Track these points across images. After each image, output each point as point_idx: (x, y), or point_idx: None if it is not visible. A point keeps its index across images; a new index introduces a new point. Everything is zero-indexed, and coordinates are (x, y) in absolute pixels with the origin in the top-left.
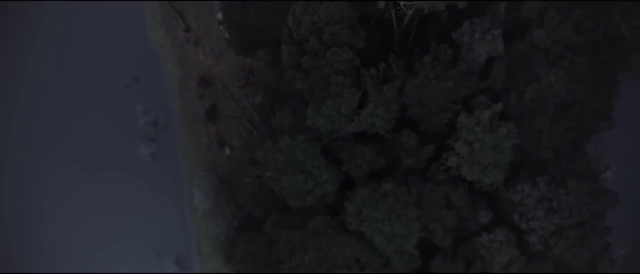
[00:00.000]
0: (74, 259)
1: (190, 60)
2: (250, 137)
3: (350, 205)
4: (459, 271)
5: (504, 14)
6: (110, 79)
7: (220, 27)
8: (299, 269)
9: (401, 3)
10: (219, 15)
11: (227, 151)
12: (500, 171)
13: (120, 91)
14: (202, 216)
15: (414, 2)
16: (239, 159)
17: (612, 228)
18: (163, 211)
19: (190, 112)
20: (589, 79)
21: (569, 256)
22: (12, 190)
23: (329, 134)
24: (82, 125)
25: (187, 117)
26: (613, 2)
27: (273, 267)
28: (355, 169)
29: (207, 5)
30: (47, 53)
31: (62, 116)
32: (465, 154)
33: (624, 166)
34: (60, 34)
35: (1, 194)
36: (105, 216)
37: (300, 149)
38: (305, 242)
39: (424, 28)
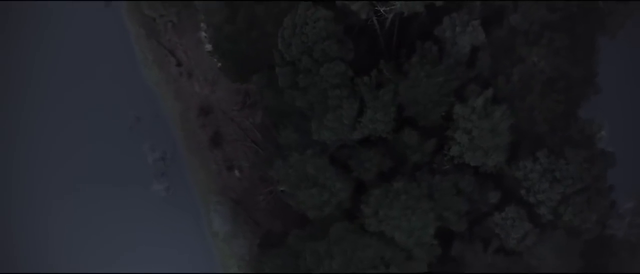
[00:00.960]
0: None
1: (187, 92)
2: (257, 157)
3: (367, 208)
4: (478, 252)
5: (479, 5)
6: (113, 123)
7: (213, 58)
8: None
9: (381, 9)
10: (208, 47)
11: (236, 173)
12: (501, 152)
13: (125, 132)
14: (223, 239)
15: (393, 7)
16: (250, 179)
17: (615, 186)
18: (185, 241)
19: (195, 142)
20: (569, 51)
21: (579, 221)
22: (31, 237)
23: (335, 144)
24: (93, 171)
25: (193, 147)
26: None
27: None
28: (364, 173)
29: (194, 38)
30: (47, 106)
31: (73, 164)
32: (466, 142)
33: (616, 123)
34: (53, 84)
35: (20, 235)
36: (129, 255)
37: (310, 163)
38: (330, 250)
39: (406, 29)
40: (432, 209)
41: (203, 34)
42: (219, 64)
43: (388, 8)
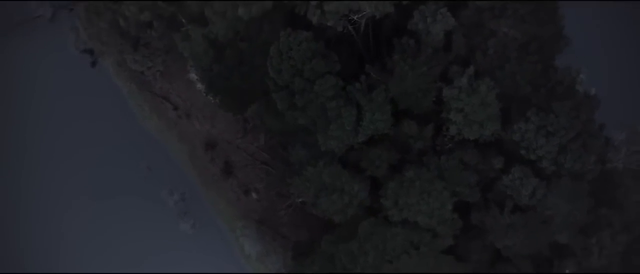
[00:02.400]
0: None
1: (189, 132)
2: (269, 176)
3: (386, 201)
4: (496, 215)
5: None
6: (126, 177)
7: (208, 96)
8: (367, 270)
9: (354, 17)
10: (200, 86)
11: (254, 195)
12: (495, 120)
13: (140, 183)
14: (257, 259)
15: (365, 13)
16: (267, 198)
17: (605, 123)
18: (222, 268)
19: (208, 176)
20: (534, 15)
21: (579, 165)
22: None
23: (343, 150)
24: (118, 225)
25: (208, 182)
26: None
27: None
28: (377, 170)
29: (184, 80)
30: (57, 175)
31: (97, 223)
32: (461, 119)
33: (591, 63)
34: (58, 152)
35: None
36: None
37: (325, 173)
38: (363, 246)
39: (381, 30)
40: (445, 188)
41: (192, 75)
42: (214, 101)
43: (360, 15)
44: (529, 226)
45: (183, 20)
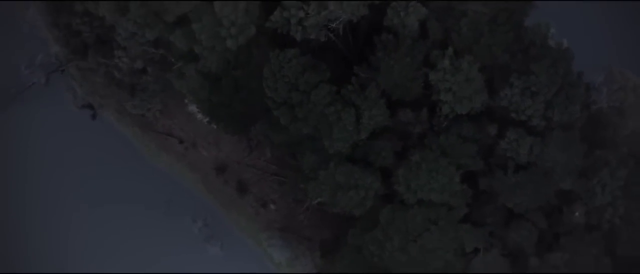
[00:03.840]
0: None
1: (198, 161)
2: (282, 185)
3: (400, 186)
4: (501, 178)
5: None
6: (149, 215)
7: (211, 125)
8: (395, 253)
9: (332, 25)
10: (200, 117)
11: (272, 206)
12: (482, 92)
13: (163, 218)
14: (287, 265)
15: (341, 18)
16: (285, 206)
17: (583, 70)
18: None
19: (225, 197)
20: None
21: (567, 116)
22: None
23: (349, 148)
24: (151, 262)
25: (226, 203)
26: None
27: (373, 266)
28: (384, 161)
29: (185, 114)
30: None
31: (130, 259)
32: (451, 98)
33: (558, 17)
34: (77, 202)
35: None
36: None
37: (337, 174)
38: (386, 232)
39: (359, 31)
40: (450, 163)
41: (191, 107)
42: (216, 127)
43: (338, 22)
44: (533, 181)
45: (173, 60)
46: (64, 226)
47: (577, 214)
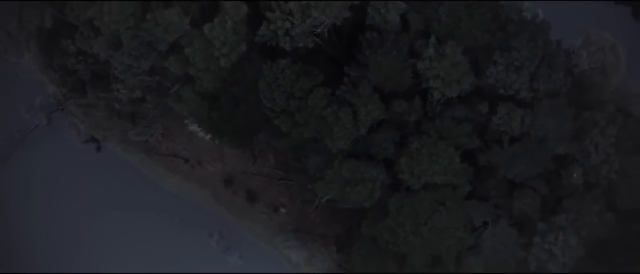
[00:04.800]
0: None
1: (206, 177)
2: (290, 188)
3: (404, 174)
4: (498, 151)
5: None
6: (165, 236)
7: (214, 141)
8: (409, 238)
9: (316, 30)
10: (201, 134)
11: (282, 210)
12: (469, 74)
13: (179, 236)
14: (306, 264)
15: (324, 23)
16: (295, 208)
17: (561, 39)
18: None
19: (237, 208)
20: None
21: (552, 84)
22: None
23: (351, 145)
24: None
25: (238, 213)
26: None
27: (390, 253)
28: (386, 152)
29: (186, 134)
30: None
31: None
32: (439, 84)
33: None
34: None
35: None
36: None
37: (343, 171)
38: (398, 220)
39: (344, 32)
40: (448, 145)
41: (192, 127)
42: (218, 142)
43: (322, 26)
44: (529, 150)
45: (169, 85)
46: (84, 260)
47: (574, 175)
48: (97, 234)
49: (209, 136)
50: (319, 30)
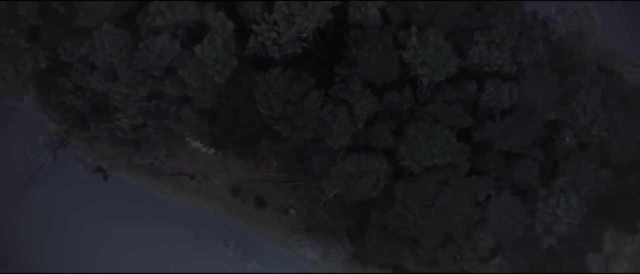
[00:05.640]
0: None
1: (213, 190)
2: (297, 190)
3: (405, 161)
4: (491, 126)
5: None
6: (183, 252)
7: (217, 154)
8: (419, 220)
9: (301, 36)
10: (204, 150)
11: (292, 211)
12: (453, 57)
13: (196, 250)
14: (322, 260)
15: (307, 27)
16: (304, 208)
17: (536, 10)
18: None
19: (247, 215)
20: None
21: (534, 55)
22: None
23: (350, 140)
24: None
25: (249, 220)
26: None
27: (401, 237)
28: (384, 142)
29: (189, 151)
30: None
31: None
32: (426, 70)
33: None
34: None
35: None
36: None
37: (347, 166)
38: (405, 205)
39: (328, 33)
40: (443, 127)
41: (194, 144)
42: (221, 155)
43: (307, 31)
44: (520, 121)
45: (168, 108)
46: None
47: (567, 138)
48: (116, 261)
49: (212, 151)
50: (305, 35)
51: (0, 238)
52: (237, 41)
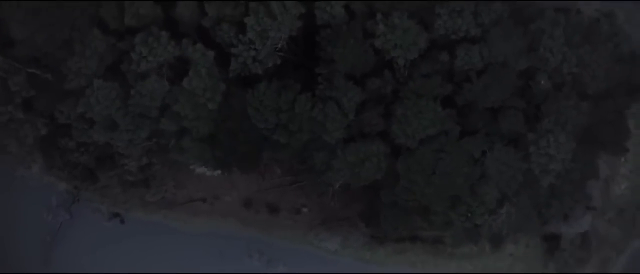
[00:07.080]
0: None
1: (226, 207)
2: (304, 189)
3: (399, 139)
4: (472, 87)
5: None
6: (211, 268)
7: (224, 174)
8: (425, 190)
9: (278, 45)
10: (209, 173)
11: (304, 210)
12: (421, 34)
13: (225, 265)
14: (343, 248)
15: (279, 35)
16: (314, 203)
17: None
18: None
19: (263, 223)
20: None
21: (494, 13)
22: None
23: (345, 132)
24: None
25: (266, 228)
26: None
27: (413, 209)
28: (376, 127)
29: (195, 176)
30: None
31: None
32: (401, 52)
33: None
34: None
35: None
36: None
37: (348, 156)
38: (409, 178)
39: (300, 38)
40: (428, 99)
41: (199, 169)
42: (226, 174)
43: (281, 41)
44: (496, 77)
45: (168, 142)
46: None
47: (542, 82)
48: None
49: (217, 172)
50: (280, 45)
51: None
52: (219, 66)
